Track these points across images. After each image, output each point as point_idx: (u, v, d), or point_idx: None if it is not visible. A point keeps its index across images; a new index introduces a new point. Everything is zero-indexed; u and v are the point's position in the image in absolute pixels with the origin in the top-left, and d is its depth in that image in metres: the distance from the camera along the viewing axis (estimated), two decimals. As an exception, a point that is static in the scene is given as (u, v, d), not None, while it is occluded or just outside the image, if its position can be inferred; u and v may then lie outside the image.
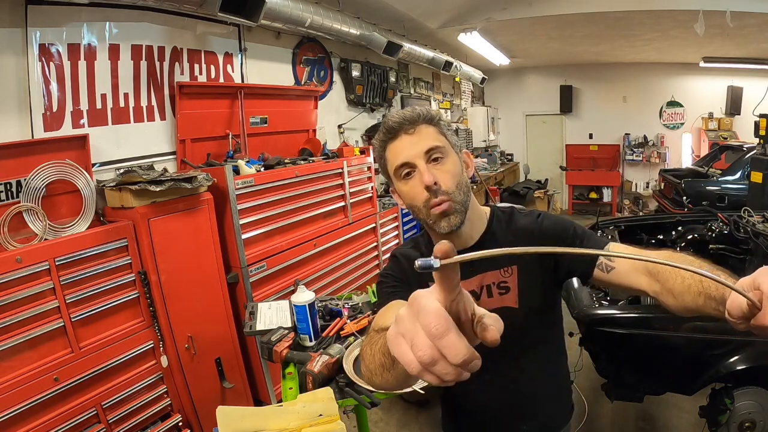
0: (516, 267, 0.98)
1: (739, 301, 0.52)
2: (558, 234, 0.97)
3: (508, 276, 0.98)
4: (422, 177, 0.88)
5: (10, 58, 1.99)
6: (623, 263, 0.87)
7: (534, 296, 0.98)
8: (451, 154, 0.93)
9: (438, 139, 0.92)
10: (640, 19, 4.52)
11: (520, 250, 0.44)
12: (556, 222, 1.01)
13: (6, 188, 1.90)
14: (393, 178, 0.96)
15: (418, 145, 0.90)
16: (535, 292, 0.98)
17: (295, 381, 1.42)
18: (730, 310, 0.54)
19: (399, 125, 0.92)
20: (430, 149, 0.90)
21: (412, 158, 0.90)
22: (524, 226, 1.01)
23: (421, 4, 4.10)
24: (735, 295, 0.52)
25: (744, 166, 4.87)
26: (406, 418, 2.74)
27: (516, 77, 8.43)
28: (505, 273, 0.98)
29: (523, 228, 1.00)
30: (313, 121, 3.71)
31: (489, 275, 0.98)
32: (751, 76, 6.70)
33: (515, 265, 0.98)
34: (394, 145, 0.93)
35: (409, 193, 0.92)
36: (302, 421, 1.01)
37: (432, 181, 0.88)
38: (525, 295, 0.98)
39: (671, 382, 2.06)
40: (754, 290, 0.52)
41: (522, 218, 1.03)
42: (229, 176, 2.44)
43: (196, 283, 2.30)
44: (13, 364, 1.69)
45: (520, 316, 0.97)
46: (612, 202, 8.00)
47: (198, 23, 2.80)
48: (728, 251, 2.82)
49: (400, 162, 0.91)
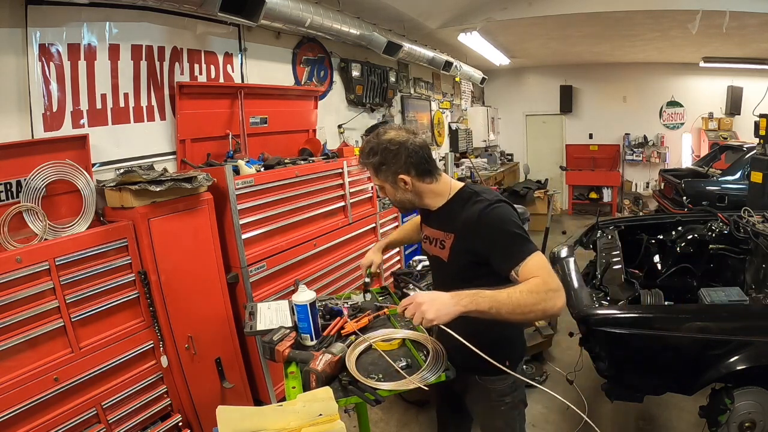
0: (453, 235, 1.38)
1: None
2: (490, 236, 1.27)
3: (447, 239, 1.40)
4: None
5: (10, 58, 1.99)
6: (523, 279, 1.20)
7: (458, 260, 1.37)
8: (384, 185, 1.42)
9: (376, 178, 1.43)
10: (640, 19, 4.53)
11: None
12: (495, 224, 1.28)
13: (6, 188, 1.90)
14: None
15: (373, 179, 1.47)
16: (460, 257, 1.36)
17: (298, 380, 1.42)
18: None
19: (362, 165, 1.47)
20: (376, 184, 1.46)
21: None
22: (473, 210, 1.31)
23: (421, 4, 4.11)
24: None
25: (744, 166, 4.87)
26: (406, 418, 2.74)
27: (516, 77, 8.44)
28: (446, 236, 1.40)
29: (470, 211, 1.33)
30: (313, 121, 3.71)
31: (437, 232, 1.45)
32: (751, 76, 6.71)
33: (454, 233, 1.37)
34: None
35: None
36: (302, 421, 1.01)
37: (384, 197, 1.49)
38: (453, 256, 1.39)
39: (671, 382, 2.07)
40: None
41: (476, 203, 1.33)
42: (229, 176, 2.44)
43: (196, 283, 2.30)
44: (13, 364, 1.69)
45: (447, 267, 1.43)
46: (612, 202, 8.01)
47: (198, 23, 2.80)
48: (728, 251, 2.83)
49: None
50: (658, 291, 2.32)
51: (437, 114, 6.54)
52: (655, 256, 3.26)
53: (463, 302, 1.13)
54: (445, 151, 6.54)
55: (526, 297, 1.13)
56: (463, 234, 1.33)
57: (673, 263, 3.09)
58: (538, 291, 1.13)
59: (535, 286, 1.14)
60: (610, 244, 2.97)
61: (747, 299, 2.22)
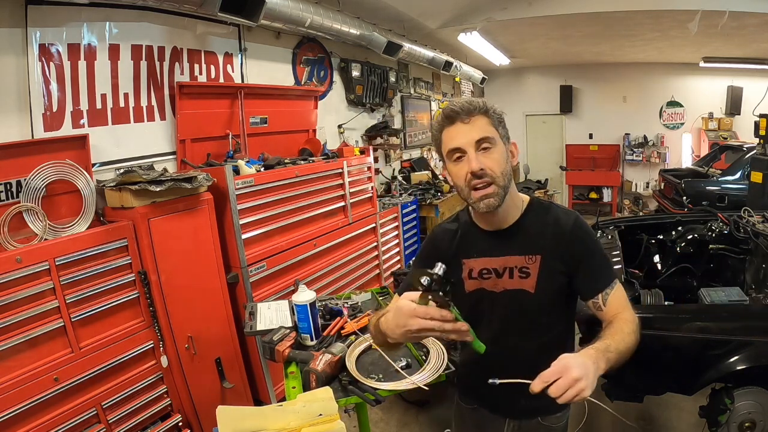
0: (540, 257, 1.07)
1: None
2: (584, 249, 1.07)
3: (531, 263, 1.08)
4: (470, 163, 1.00)
5: (10, 58, 1.99)
6: (610, 310, 1.06)
7: (550, 287, 1.08)
8: (499, 144, 1.03)
9: (489, 130, 1.02)
10: (640, 19, 4.52)
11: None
12: (588, 235, 1.10)
13: (6, 188, 1.90)
14: (445, 159, 1.06)
15: (470, 134, 1.01)
16: (551, 283, 1.08)
17: (298, 380, 1.42)
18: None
19: (456, 114, 1.02)
20: (481, 139, 1.01)
21: (464, 145, 1.01)
22: (560, 221, 1.09)
23: (421, 4, 4.10)
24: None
25: (744, 166, 4.87)
26: (406, 418, 2.74)
27: (516, 77, 8.43)
28: (529, 260, 1.08)
29: (557, 223, 1.09)
30: (313, 121, 3.71)
31: (514, 259, 1.09)
32: (751, 76, 6.70)
33: (540, 254, 1.07)
34: (450, 130, 1.03)
35: (458, 174, 1.04)
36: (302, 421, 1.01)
37: (478, 168, 0.99)
38: (542, 284, 1.07)
39: (671, 382, 2.06)
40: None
41: (560, 213, 1.11)
42: (229, 176, 2.44)
43: (196, 283, 2.30)
44: (13, 364, 1.69)
45: (534, 302, 1.08)
46: (612, 202, 8.00)
47: (198, 23, 2.80)
48: (728, 251, 2.82)
49: (453, 146, 1.02)
50: (658, 291, 2.32)
51: (437, 114, 6.54)
52: (655, 256, 3.25)
53: (602, 365, 0.88)
54: (445, 151, 6.54)
55: (631, 338, 0.98)
56: (553, 252, 1.07)
57: (673, 263, 3.09)
58: (634, 328, 1.00)
59: (632, 323, 1.02)
60: (610, 244, 2.97)
61: (747, 299, 2.22)
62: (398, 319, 0.90)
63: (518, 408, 1.17)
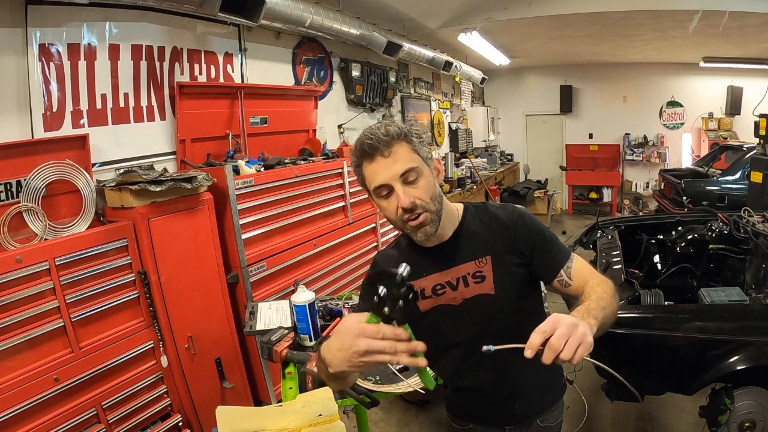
0: (490, 257, 1.05)
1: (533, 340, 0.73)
2: (531, 234, 1.06)
3: (483, 266, 1.05)
4: (399, 200, 0.95)
5: (10, 58, 1.99)
6: (577, 281, 1.03)
7: (510, 283, 1.05)
8: (424, 170, 0.98)
9: (412, 159, 0.97)
10: (640, 19, 4.52)
11: None
12: (530, 221, 1.08)
13: (6, 188, 1.90)
14: (372, 195, 1.01)
15: (393, 168, 0.95)
16: (510, 279, 1.05)
17: (295, 381, 1.42)
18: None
19: (375, 148, 0.95)
20: (406, 172, 0.95)
21: (389, 180, 0.95)
22: (499, 217, 1.08)
23: (421, 4, 4.10)
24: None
25: (744, 166, 4.87)
26: (406, 418, 2.74)
27: (516, 77, 8.43)
28: (480, 263, 1.05)
29: (497, 219, 1.07)
30: (313, 121, 3.71)
31: (464, 267, 1.05)
32: (751, 76, 6.70)
33: (489, 255, 1.05)
34: (371, 166, 0.97)
35: (388, 209, 0.99)
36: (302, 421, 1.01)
37: (408, 203, 0.95)
38: (500, 282, 1.05)
39: (671, 382, 2.06)
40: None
41: (497, 210, 1.10)
42: (229, 176, 2.44)
43: (196, 283, 2.30)
44: (13, 364, 1.69)
45: (498, 302, 1.05)
46: (612, 202, 8.00)
47: (198, 23, 2.80)
48: (728, 251, 2.83)
49: (378, 183, 0.96)
50: (658, 291, 2.32)
51: (437, 114, 6.54)
52: (655, 256, 3.26)
53: (591, 321, 0.82)
54: (445, 151, 6.55)
55: (611, 299, 0.94)
56: (502, 248, 1.05)
57: (673, 263, 3.09)
58: (613, 293, 0.96)
59: (608, 286, 0.97)
60: (610, 244, 2.97)
61: (747, 299, 2.22)
62: (342, 341, 0.74)
63: (514, 414, 1.14)
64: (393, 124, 0.99)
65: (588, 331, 0.75)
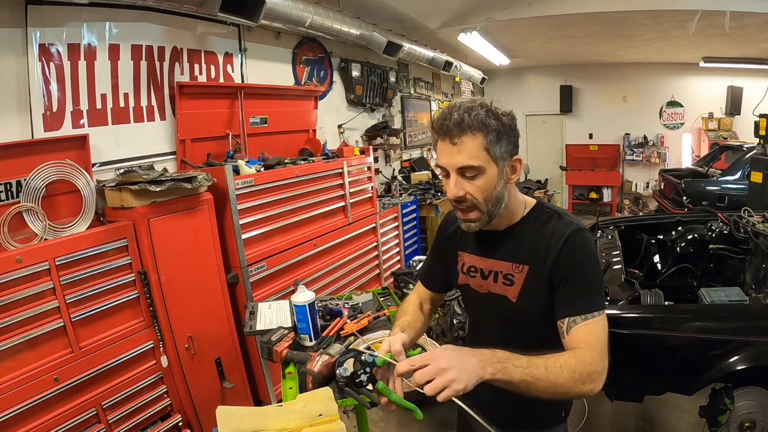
0: (527, 267, 1.02)
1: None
2: (572, 265, 0.97)
3: (518, 272, 1.03)
4: (450, 187, 0.97)
5: (10, 58, 1.99)
6: (571, 341, 0.94)
7: (532, 300, 1.02)
8: (487, 169, 0.94)
9: (477, 157, 0.93)
10: (640, 19, 4.52)
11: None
12: (580, 252, 0.98)
13: (6, 188, 1.90)
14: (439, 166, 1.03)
15: (455, 158, 0.94)
16: (534, 297, 1.02)
17: (295, 381, 1.42)
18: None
19: (445, 131, 0.94)
20: (464, 167, 0.94)
21: (448, 166, 0.97)
22: (556, 233, 0.99)
23: (421, 4, 4.10)
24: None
25: (744, 166, 4.87)
26: (406, 418, 2.74)
27: (516, 77, 8.43)
28: (516, 268, 1.03)
29: (553, 234, 1.00)
30: (313, 121, 3.71)
31: (501, 264, 1.06)
32: (751, 76, 6.71)
33: (528, 265, 1.02)
34: (440, 146, 0.98)
35: (445, 187, 1.01)
36: (302, 421, 1.01)
37: (455, 195, 0.96)
38: (524, 295, 1.03)
39: (671, 382, 2.06)
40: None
41: (560, 224, 1.01)
42: (229, 176, 2.44)
43: (196, 283, 2.30)
44: (13, 364, 1.69)
45: (514, 311, 1.04)
46: (612, 202, 8.00)
47: (198, 23, 2.80)
48: (728, 251, 2.82)
49: (439, 163, 0.99)
50: (658, 291, 2.32)
51: (437, 114, 6.53)
52: (655, 256, 3.25)
53: (489, 369, 0.81)
54: (445, 151, 6.53)
55: (567, 376, 0.85)
56: (541, 265, 0.99)
57: (673, 263, 3.09)
58: (581, 371, 0.86)
59: (580, 364, 0.87)
60: (610, 244, 2.97)
61: (747, 299, 2.22)
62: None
63: (499, 418, 1.06)
64: (481, 107, 0.94)
65: (460, 376, 0.76)
